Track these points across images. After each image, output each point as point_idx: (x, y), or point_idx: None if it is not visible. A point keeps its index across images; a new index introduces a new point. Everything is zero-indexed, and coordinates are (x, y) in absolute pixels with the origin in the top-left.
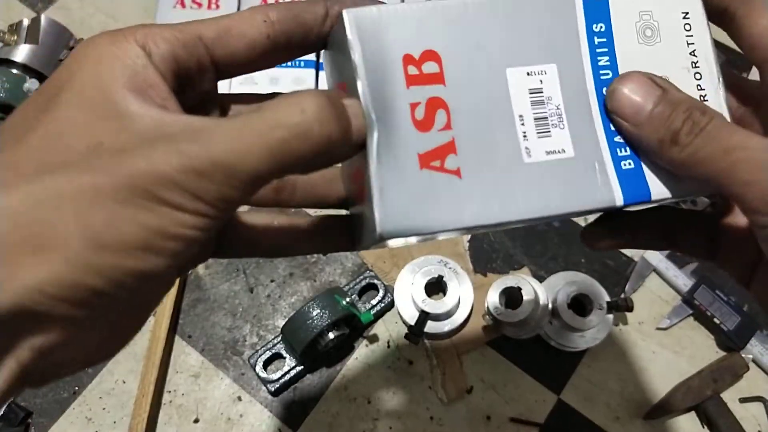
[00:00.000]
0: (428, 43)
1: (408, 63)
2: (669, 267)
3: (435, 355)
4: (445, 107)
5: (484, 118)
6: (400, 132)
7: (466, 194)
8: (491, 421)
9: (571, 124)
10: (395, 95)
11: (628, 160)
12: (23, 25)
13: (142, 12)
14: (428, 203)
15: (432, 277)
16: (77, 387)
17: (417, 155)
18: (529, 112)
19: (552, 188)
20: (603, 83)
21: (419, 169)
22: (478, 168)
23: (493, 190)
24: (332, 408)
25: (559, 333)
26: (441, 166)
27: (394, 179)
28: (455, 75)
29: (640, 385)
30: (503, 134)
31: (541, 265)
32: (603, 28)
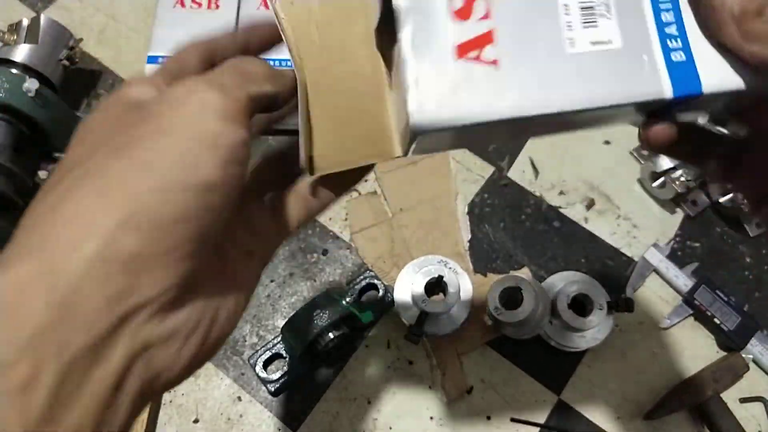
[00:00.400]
0: None
1: None
2: (669, 267)
3: (435, 355)
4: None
5: (526, 6)
6: (436, 21)
7: (504, 84)
8: (491, 421)
9: (620, 15)
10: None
11: (679, 52)
12: (23, 25)
13: (142, 12)
14: (465, 94)
15: (432, 277)
16: None
17: (454, 45)
18: (575, 1)
19: (597, 79)
20: None
21: (455, 60)
22: (518, 59)
23: (533, 81)
24: (332, 408)
25: (559, 333)
26: (479, 56)
27: (430, 70)
28: None
29: (641, 385)
30: (546, 24)
31: (541, 265)
32: None
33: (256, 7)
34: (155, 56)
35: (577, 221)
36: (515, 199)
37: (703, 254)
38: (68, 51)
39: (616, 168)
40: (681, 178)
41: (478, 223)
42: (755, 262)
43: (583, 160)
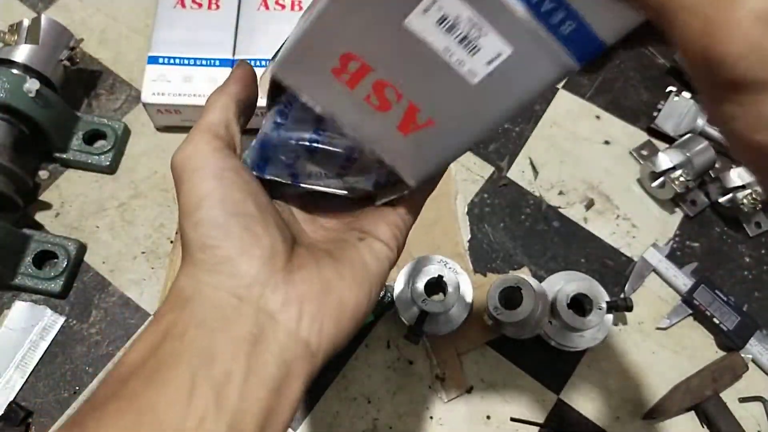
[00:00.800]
0: (337, 50)
1: (337, 74)
2: (669, 267)
3: (435, 355)
4: (389, 84)
5: (420, 70)
6: (374, 123)
7: (448, 132)
8: (491, 420)
9: (493, 26)
10: (349, 102)
11: (567, 23)
12: (23, 26)
13: (143, 12)
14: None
15: (432, 277)
16: (78, 387)
17: (397, 130)
18: (450, 41)
19: (511, 86)
20: None
21: (404, 137)
22: (442, 108)
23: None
24: (332, 408)
25: (558, 333)
26: (417, 125)
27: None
28: (375, 57)
29: (640, 385)
30: (444, 74)
31: (541, 265)
32: None
33: (256, 8)
34: (156, 56)
35: (577, 221)
36: (515, 199)
37: (702, 254)
38: (69, 51)
39: (616, 168)
40: (680, 178)
41: (478, 223)
42: (754, 262)
43: (582, 161)
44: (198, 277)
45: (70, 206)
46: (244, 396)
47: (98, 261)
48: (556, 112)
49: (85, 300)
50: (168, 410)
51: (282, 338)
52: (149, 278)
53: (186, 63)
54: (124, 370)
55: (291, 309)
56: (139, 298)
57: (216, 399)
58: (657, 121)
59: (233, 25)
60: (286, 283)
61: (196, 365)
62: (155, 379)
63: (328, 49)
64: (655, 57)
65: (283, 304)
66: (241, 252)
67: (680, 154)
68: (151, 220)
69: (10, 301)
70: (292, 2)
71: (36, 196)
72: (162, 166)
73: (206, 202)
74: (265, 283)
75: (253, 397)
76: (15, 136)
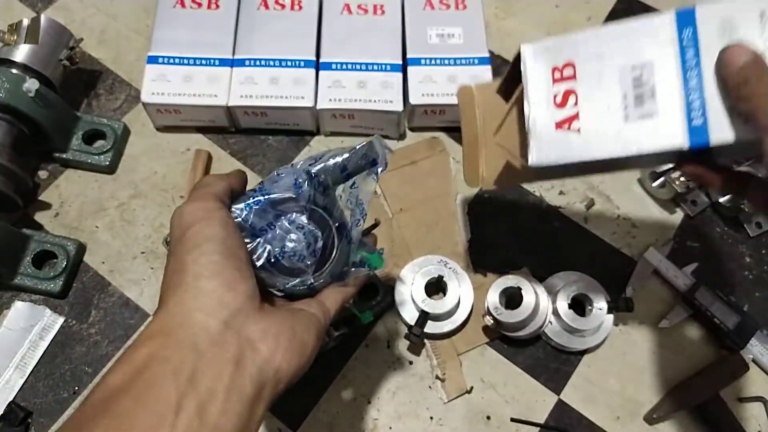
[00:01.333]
0: (567, 57)
1: (554, 71)
2: (669, 267)
3: (435, 355)
4: (575, 93)
5: (601, 97)
6: (547, 109)
7: (585, 140)
8: (491, 420)
9: (660, 98)
10: (548, 98)
11: (699, 119)
12: (23, 25)
13: (143, 12)
14: (562, 148)
15: (432, 277)
16: (77, 387)
17: (554, 123)
18: (631, 93)
19: (640, 137)
20: (688, 74)
21: (555, 131)
22: (593, 127)
23: (601, 139)
24: (332, 408)
25: (559, 333)
26: (569, 126)
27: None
28: (584, 72)
29: (641, 385)
30: (612, 109)
31: (541, 265)
32: (691, 36)
33: (256, 7)
34: (155, 56)
35: (577, 221)
36: (515, 199)
37: (702, 254)
38: (68, 51)
39: None
40: (681, 178)
41: (478, 223)
42: (755, 262)
43: None
44: (188, 304)
45: (69, 206)
46: (224, 411)
47: (98, 261)
48: None
49: (84, 300)
50: (157, 426)
51: (259, 363)
52: (149, 278)
53: (186, 63)
54: (109, 390)
55: (269, 340)
56: (138, 298)
57: (200, 414)
58: None
59: (233, 24)
60: (263, 319)
61: (183, 384)
62: (143, 398)
63: None
64: None
65: (262, 335)
66: (230, 287)
67: None
68: (151, 220)
69: (10, 301)
70: (292, 2)
71: (35, 196)
72: (162, 166)
73: (211, 242)
74: (247, 315)
75: (233, 412)
76: (14, 135)
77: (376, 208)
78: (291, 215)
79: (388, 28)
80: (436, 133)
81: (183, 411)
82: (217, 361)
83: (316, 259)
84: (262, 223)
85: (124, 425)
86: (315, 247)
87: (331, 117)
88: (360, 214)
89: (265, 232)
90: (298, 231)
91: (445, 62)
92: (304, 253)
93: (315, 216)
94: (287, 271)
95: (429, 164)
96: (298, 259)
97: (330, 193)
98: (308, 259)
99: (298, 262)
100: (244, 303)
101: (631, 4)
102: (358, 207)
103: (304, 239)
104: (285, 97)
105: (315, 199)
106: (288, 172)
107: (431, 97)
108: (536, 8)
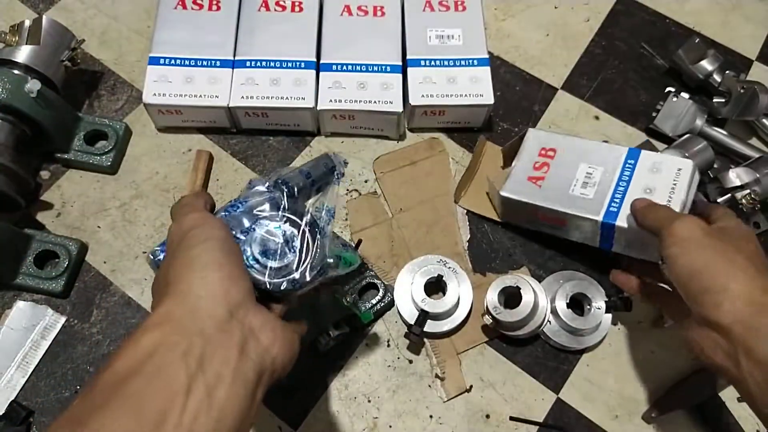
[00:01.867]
0: (551, 144)
1: (541, 150)
2: None
3: (435, 354)
4: (548, 166)
5: (562, 173)
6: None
7: (541, 191)
8: (490, 419)
9: (598, 189)
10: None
11: (614, 208)
12: (25, 26)
13: (143, 13)
14: (525, 190)
15: (431, 276)
16: (79, 386)
17: (527, 177)
18: (581, 179)
19: (576, 204)
20: (620, 184)
21: (526, 181)
22: (549, 185)
23: (551, 195)
24: (332, 407)
25: (558, 332)
26: (535, 182)
27: (514, 183)
28: (559, 157)
29: (639, 385)
30: (567, 183)
31: (540, 264)
32: (632, 164)
33: (256, 9)
34: (157, 57)
35: None
36: None
37: None
38: (70, 52)
39: None
40: (747, 196)
41: (478, 223)
42: None
43: None
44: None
45: (71, 206)
46: (230, 395)
47: (99, 261)
48: (555, 113)
49: (86, 300)
50: (169, 407)
51: (260, 351)
52: (150, 278)
53: (187, 64)
54: (119, 374)
55: (267, 331)
56: (140, 297)
57: (208, 397)
58: (656, 121)
59: (234, 26)
60: (262, 313)
61: (193, 368)
62: (155, 381)
63: None
64: (654, 57)
65: (262, 326)
66: (233, 280)
67: (679, 155)
68: (152, 220)
69: (12, 301)
70: (292, 3)
71: (37, 196)
72: (163, 166)
73: (212, 240)
74: (248, 307)
75: (238, 396)
76: (17, 136)
77: (376, 208)
78: (266, 218)
79: (388, 29)
80: (436, 133)
81: (192, 393)
82: (224, 347)
83: (297, 257)
84: (242, 227)
85: (136, 406)
86: (293, 245)
87: (332, 118)
88: (328, 215)
89: (247, 234)
90: (275, 230)
91: (444, 63)
92: (285, 249)
93: (288, 218)
94: (274, 271)
95: (429, 164)
96: (281, 255)
97: (299, 199)
98: (289, 256)
99: (281, 259)
100: (246, 296)
101: (630, 6)
102: (327, 211)
103: (282, 238)
104: (286, 98)
105: (286, 203)
106: (259, 182)
107: (431, 98)
108: (535, 10)
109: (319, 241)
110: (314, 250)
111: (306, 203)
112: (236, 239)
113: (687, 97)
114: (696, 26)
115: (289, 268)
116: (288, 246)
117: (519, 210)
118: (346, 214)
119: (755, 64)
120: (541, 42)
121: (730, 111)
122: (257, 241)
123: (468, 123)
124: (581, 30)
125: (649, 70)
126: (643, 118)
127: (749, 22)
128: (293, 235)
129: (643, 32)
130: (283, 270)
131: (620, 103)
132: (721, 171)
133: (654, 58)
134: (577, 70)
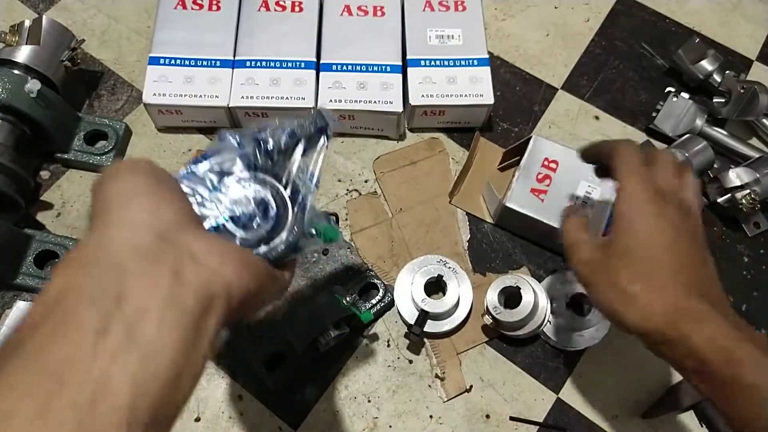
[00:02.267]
0: (554, 156)
1: (544, 161)
2: None
3: (434, 354)
4: (550, 179)
5: (563, 189)
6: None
7: (543, 206)
8: (490, 419)
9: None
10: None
11: None
12: (25, 26)
13: (144, 13)
14: (528, 203)
15: (431, 276)
16: None
17: (530, 188)
18: (581, 196)
19: None
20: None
21: (529, 192)
22: (551, 201)
23: (554, 212)
24: (332, 407)
25: (557, 332)
26: (537, 195)
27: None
28: (561, 170)
29: (639, 384)
30: (567, 196)
31: (540, 264)
32: None
33: (256, 9)
34: (157, 57)
35: None
36: None
37: None
38: (70, 52)
39: None
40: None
41: (478, 223)
42: (753, 262)
43: None
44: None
45: (71, 206)
46: (161, 327)
47: None
48: (555, 113)
49: None
50: (75, 355)
51: (204, 275)
52: None
53: (187, 64)
54: (20, 333)
55: (214, 255)
56: None
57: (130, 334)
58: (656, 121)
59: (234, 26)
60: (207, 236)
61: (108, 307)
62: (60, 331)
63: None
64: (654, 57)
65: (206, 249)
66: (166, 202)
67: (679, 155)
68: None
69: (12, 301)
70: (292, 3)
71: (37, 196)
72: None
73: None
74: (186, 228)
75: (172, 326)
76: (16, 136)
77: (376, 208)
78: (234, 175)
79: (388, 29)
80: (436, 133)
81: (108, 334)
82: (148, 276)
83: (269, 227)
84: (206, 186)
85: (37, 365)
86: (266, 213)
87: None
88: (312, 183)
89: (211, 195)
90: (245, 190)
91: (444, 63)
92: (256, 217)
93: (261, 179)
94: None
95: (429, 164)
96: (250, 223)
97: (279, 160)
98: (262, 225)
99: (250, 229)
100: (183, 217)
101: (630, 6)
102: (310, 176)
103: (252, 202)
104: (286, 98)
105: (261, 162)
106: (230, 135)
107: (431, 98)
108: (535, 9)
109: (299, 214)
110: (292, 221)
111: (287, 164)
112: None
113: (687, 97)
114: (696, 26)
115: (258, 238)
116: (260, 213)
117: (517, 219)
118: (346, 214)
119: (755, 64)
120: (541, 42)
121: (730, 111)
122: (224, 205)
123: (468, 123)
124: (581, 30)
125: (649, 70)
126: (643, 118)
127: (749, 23)
128: (266, 202)
129: (643, 32)
130: (252, 240)
131: (620, 103)
132: (721, 171)
133: (654, 58)
134: (577, 70)
